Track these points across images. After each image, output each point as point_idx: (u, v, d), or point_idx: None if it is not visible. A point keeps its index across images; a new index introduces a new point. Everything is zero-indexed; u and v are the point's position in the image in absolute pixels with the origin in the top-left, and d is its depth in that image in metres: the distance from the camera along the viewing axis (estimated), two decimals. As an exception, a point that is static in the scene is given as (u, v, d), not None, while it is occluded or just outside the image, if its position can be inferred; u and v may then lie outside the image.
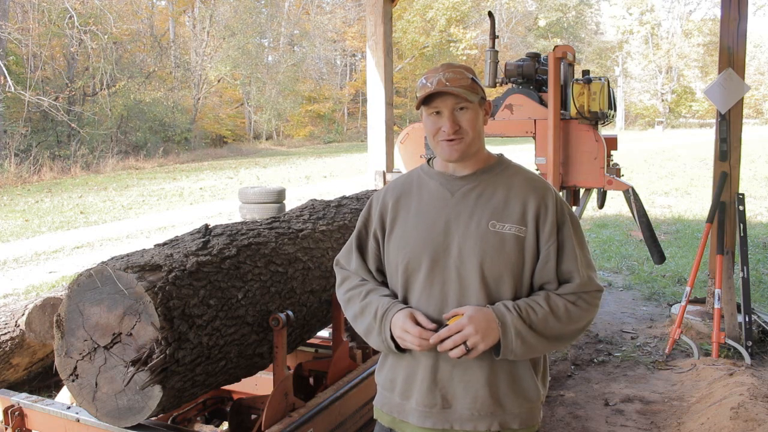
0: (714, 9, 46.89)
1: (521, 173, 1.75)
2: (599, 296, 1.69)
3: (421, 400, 1.67)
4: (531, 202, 1.66)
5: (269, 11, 37.31)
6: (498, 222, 1.64)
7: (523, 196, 1.67)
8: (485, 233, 1.63)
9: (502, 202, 1.66)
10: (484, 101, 1.71)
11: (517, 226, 1.64)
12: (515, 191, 1.68)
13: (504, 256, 1.62)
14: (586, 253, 1.71)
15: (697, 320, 4.89)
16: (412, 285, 1.69)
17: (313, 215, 2.87)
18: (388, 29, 5.58)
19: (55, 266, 7.85)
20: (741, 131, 4.83)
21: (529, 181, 1.72)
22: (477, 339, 1.54)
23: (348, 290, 1.80)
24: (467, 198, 1.68)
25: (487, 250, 1.62)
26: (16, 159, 19.26)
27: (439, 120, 1.66)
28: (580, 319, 1.64)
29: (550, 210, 1.66)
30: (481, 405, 1.63)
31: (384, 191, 1.83)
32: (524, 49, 38.33)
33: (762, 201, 11.71)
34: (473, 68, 1.76)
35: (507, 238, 1.63)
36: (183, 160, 25.54)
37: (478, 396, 1.63)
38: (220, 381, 2.19)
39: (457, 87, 1.62)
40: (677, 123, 47.88)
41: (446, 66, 1.67)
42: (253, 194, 9.09)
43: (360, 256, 1.82)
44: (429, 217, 1.69)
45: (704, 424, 3.27)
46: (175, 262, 2.04)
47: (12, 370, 3.89)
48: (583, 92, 4.63)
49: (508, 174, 1.73)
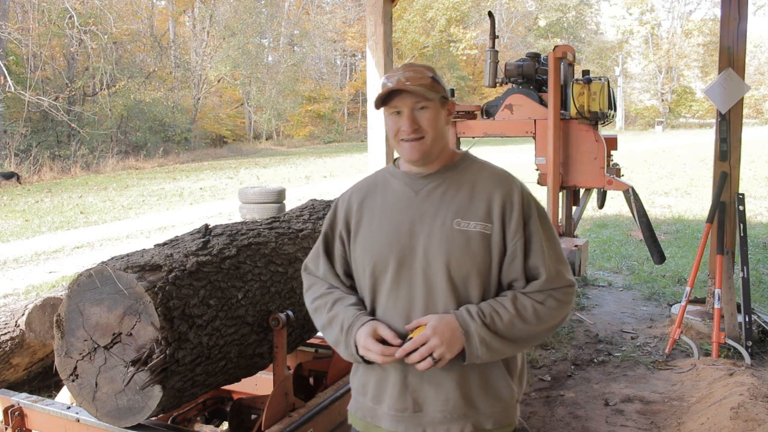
0: (714, 9, 46.95)
1: (486, 169, 1.72)
2: (571, 291, 1.65)
3: (393, 405, 1.65)
4: (496, 198, 1.63)
5: (269, 11, 37.33)
6: (463, 220, 1.61)
7: (488, 193, 1.64)
8: (450, 232, 1.60)
9: (467, 200, 1.64)
10: (446, 100, 1.68)
11: (483, 224, 1.61)
12: (480, 188, 1.65)
13: (470, 255, 1.59)
14: (555, 247, 1.66)
15: (697, 320, 4.89)
16: (380, 288, 1.66)
17: (313, 215, 2.87)
18: (388, 29, 5.58)
19: (55, 266, 7.85)
20: (741, 131, 4.83)
21: (494, 176, 1.69)
22: (443, 350, 1.52)
23: (315, 299, 1.77)
24: (431, 197, 1.65)
25: (452, 250, 1.59)
26: (16, 159, 19.28)
27: (398, 120, 1.64)
28: (551, 317, 1.61)
29: (516, 205, 1.62)
30: (453, 407, 1.61)
31: (349, 193, 1.80)
32: (524, 49, 38.32)
33: (762, 201, 11.71)
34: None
35: (473, 236, 1.60)
36: (183, 160, 25.55)
37: (450, 398, 1.61)
38: (220, 381, 2.19)
39: (417, 86, 1.60)
40: (677, 123, 47.87)
41: (407, 65, 1.66)
42: (253, 194, 9.10)
43: (327, 260, 1.79)
44: (394, 218, 1.66)
45: (704, 424, 3.27)
46: (175, 262, 2.04)
47: (12, 370, 3.88)
48: (583, 92, 4.63)
49: (473, 170, 1.70)
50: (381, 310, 1.66)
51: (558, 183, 4.73)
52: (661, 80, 49.32)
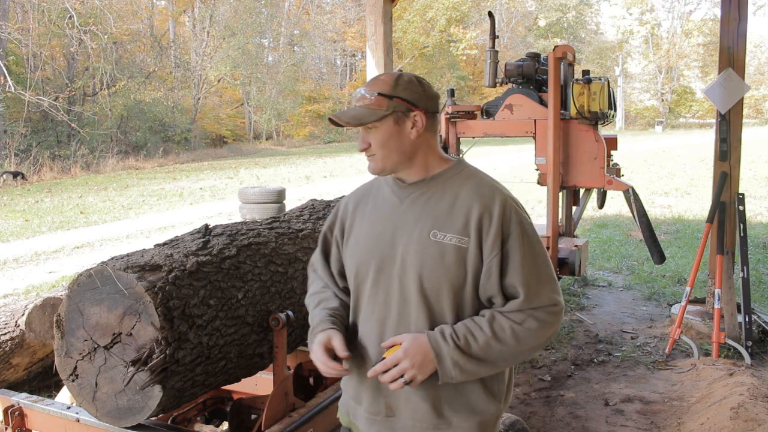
0: (714, 9, 46.92)
1: (473, 178, 1.64)
2: (555, 311, 1.57)
3: (368, 407, 1.67)
4: (474, 210, 1.56)
5: (269, 11, 37.32)
6: (440, 231, 1.57)
7: (468, 204, 1.58)
8: (426, 243, 1.57)
9: (446, 210, 1.59)
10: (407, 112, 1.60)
11: (459, 236, 1.55)
12: (461, 199, 1.59)
13: (443, 268, 1.55)
14: (538, 266, 1.58)
15: (697, 320, 4.89)
16: (362, 292, 1.67)
17: (313, 215, 2.87)
18: (388, 29, 5.58)
19: (55, 266, 7.85)
20: (741, 131, 4.83)
21: (477, 187, 1.61)
22: (414, 372, 1.50)
23: (309, 295, 1.83)
24: (415, 205, 1.63)
25: (426, 261, 1.56)
26: (16, 159, 19.28)
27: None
28: (531, 338, 1.54)
29: (495, 219, 1.55)
30: (422, 416, 1.60)
31: (348, 196, 1.82)
32: (524, 49, 38.32)
33: (762, 201, 11.71)
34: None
35: (447, 249, 1.55)
36: (183, 160, 25.54)
37: (418, 409, 1.60)
38: (220, 381, 2.20)
39: (360, 106, 1.59)
40: (677, 123, 47.87)
41: (370, 81, 1.65)
42: (253, 194, 9.09)
43: (324, 260, 1.82)
44: (378, 225, 1.66)
45: (704, 424, 3.27)
46: (175, 262, 2.04)
47: (12, 370, 3.89)
48: (583, 92, 4.63)
49: (459, 180, 1.64)
50: (361, 315, 1.68)
51: (558, 183, 4.73)
52: (661, 80, 49.32)
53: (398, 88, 1.61)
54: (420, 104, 1.62)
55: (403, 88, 1.61)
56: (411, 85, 1.62)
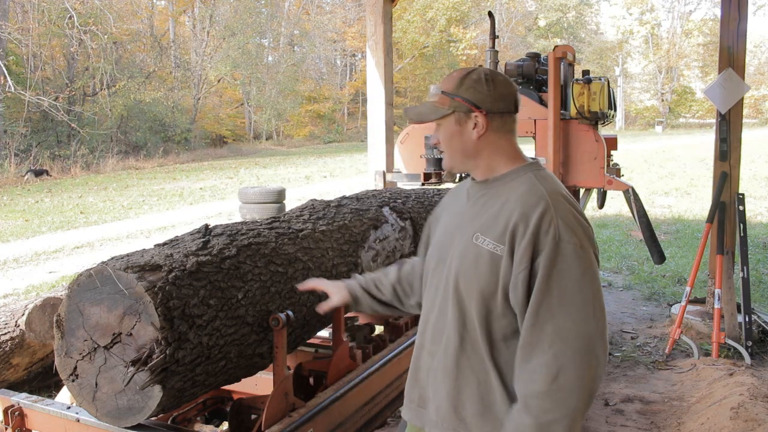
0: (714, 9, 46.91)
1: (527, 184, 1.54)
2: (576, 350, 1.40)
3: (407, 393, 1.72)
4: (514, 217, 1.48)
5: (269, 11, 37.32)
6: (482, 235, 1.53)
7: (511, 210, 1.50)
8: (468, 244, 1.55)
9: (494, 214, 1.54)
10: (469, 112, 1.56)
11: (495, 243, 1.49)
12: (508, 204, 1.53)
13: (475, 272, 1.51)
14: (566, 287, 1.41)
15: (697, 320, 4.88)
16: (424, 287, 1.73)
17: (313, 215, 2.86)
18: (388, 29, 5.58)
19: (55, 266, 7.85)
20: (741, 131, 4.83)
21: (526, 194, 1.52)
22: None
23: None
24: (476, 205, 1.62)
25: (463, 263, 1.55)
26: (16, 159, 19.27)
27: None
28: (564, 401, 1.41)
29: (530, 230, 1.44)
30: (443, 415, 1.60)
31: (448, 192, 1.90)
32: (524, 49, 38.32)
33: (762, 201, 11.71)
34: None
35: (483, 254, 1.51)
36: (183, 160, 25.54)
37: (440, 406, 1.60)
38: (220, 381, 2.19)
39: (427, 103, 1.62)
40: (677, 123, 47.86)
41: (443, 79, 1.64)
42: (253, 194, 9.09)
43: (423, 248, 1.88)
44: (449, 222, 1.70)
45: (704, 424, 3.27)
46: (175, 262, 2.04)
47: (12, 370, 3.88)
48: (583, 92, 4.63)
49: (515, 185, 1.56)
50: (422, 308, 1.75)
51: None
52: (661, 80, 49.32)
53: (462, 87, 1.57)
54: (483, 105, 1.56)
55: (467, 88, 1.57)
56: (477, 84, 1.56)
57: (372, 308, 1.98)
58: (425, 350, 1.66)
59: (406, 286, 1.91)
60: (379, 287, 1.95)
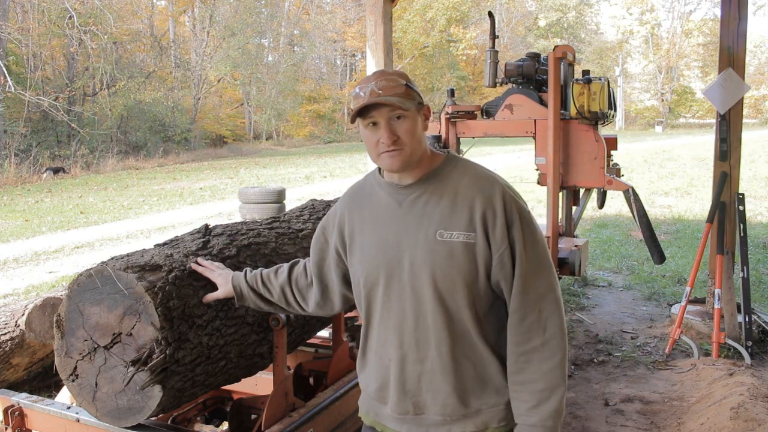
0: (714, 9, 46.91)
1: (468, 172, 1.64)
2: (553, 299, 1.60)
3: (395, 407, 1.68)
4: (477, 204, 1.57)
5: (269, 11, 37.33)
6: (446, 231, 1.57)
7: (470, 200, 1.58)
8: (433, 244, 1.57)
9: (448, 209, 1.59)
10: (422, 106, 1.64)
11: (465, 233, 1.56)
12: (462, 195, 1.60)
13: (455, 267, 1.56)
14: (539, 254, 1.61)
15: (697, 320, 4.89)
16: (373, 301, 1.68)
17: (313, 215, 2.87)
18: (388, 29, 5.57)
19: (55, 266, 7.85)
20: (741, 131, 4.82)
21: (475, 181, 1.62)
22: None
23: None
24: (414, 208, 1.62)
25: (436, 262, 1.57)
26: (16, 159, 19.27)
27: (376, 131, 1.59)
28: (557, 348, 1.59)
29: (499, 212, 1.57)
30: (451, 411, 1.62)
31: (338, 205, 1.81)
32: (524, 49, 38.32)
33: (762, 201, 11.71)
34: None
35: (456, 247, 1.56)
36: (183, 160, 25.54)
37: (447, 403, 1.62)
38: (220, 381, 2.19)
39: (391, 95, 1.55)
40: (677, 123, 47.87)
41: (378, 74, 1.61)
42: (253, 194, 9.09)
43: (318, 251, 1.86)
44: (380, 231, 1.66)
45: (704, 424, 3.27)
46: (175, 262, 2.04)
47: (12, 370, 3.89)
48: (583, 92, 4.63)
49: (455, 176, 1.63)
50: (375, 323, 1.69)
51: (558, 183, 4.72)
52: (661, 80, 49.33)
53: (411, 84, 1.63)
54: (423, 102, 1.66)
55: (413, 85, 1.64)
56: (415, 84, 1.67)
57: (256, 305, 1.99)
58: (409, 360, 1.64)
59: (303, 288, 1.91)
60: (268, 286, 1.94)
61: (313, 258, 1.87)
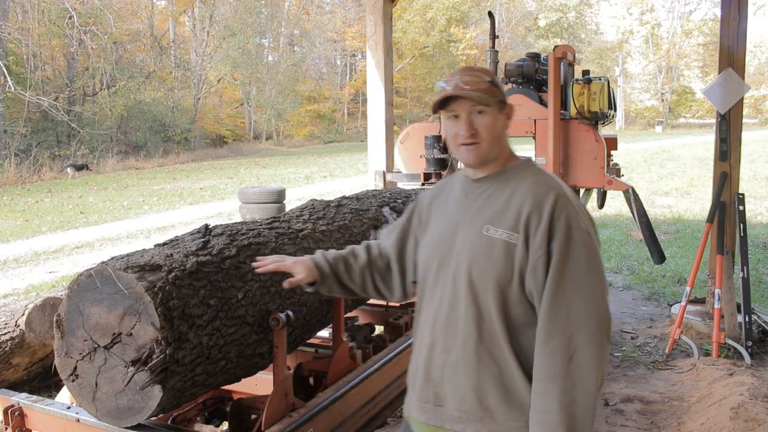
0: (714, 9, 46.88)
1: (532, 177, 1.64)
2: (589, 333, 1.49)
3: (418, 395, 1.70)
4: (526, 207, 1.56)
5: (269, 11, 37.32)
6: (492, 226, 1.58)
7: (521, 200, 1.58)
8: (478, 237, 1.59)
9: (501, 207, 1.60)
10: (504, 105, 1.66)
11: (509, 233, 1.56)
12: (517, 195, 1.60)
13: (491, 263, 1.56)
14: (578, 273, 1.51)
15: (697, 320, 4.89)
16: (425, 288, 1.72)
17: (313, 215, 2.86)
18: (388, 29, 5.58)
19: (55, 266, 7.85)
20: (741, 131, 4.82)
21: (533, 185, 1.61)
22: None
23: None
24: (476, 201, 1.65)
25: (475, 255, 1.58)
26: (16, 159, 19.27)
27: (456, 124, 1.63)
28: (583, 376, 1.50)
29: (544, 218, 1.53)
30: (468, 408, 1.61)
31: (425, 192, 1.88)
32: (524, 49, 38.31)
33: (762, 201, 11.71)
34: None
35: (496, 244, 1.56)
36: (183, 160, 25.54)
37: (465, 399, 1.61)
38: (220, 381, 2.19)
39: (474, 90, 1.59)
40: (677, 123, 47.85)
41: (465, 69, 1.65)
42: (253, 194, 9.08)
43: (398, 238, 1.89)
44: (445, 221, 1.71)
45: (704, 424, 3.27)
46: (175, 262, 2.04)
47: (12, 370, 3.89)
48: (583, 92, 4.63)
49: (520, 177, 1.64)
50: (423, 307, 1.73)
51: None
52: (661, 80, 49.32)
53: (496, 81, 1.65)
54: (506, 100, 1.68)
55: (498, 83, 1.66)
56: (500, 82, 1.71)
57: (333, 291, 1.96)
58: (437, 347, 1.65)
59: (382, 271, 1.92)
60: (349, 272, 1.94)
61: (391, 240, 1.91)
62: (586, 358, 1.49)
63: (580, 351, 1.49)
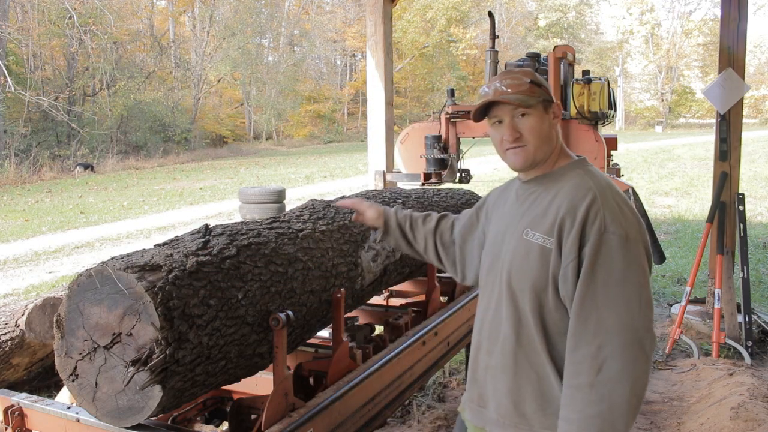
0: (714, 9, 46.90)
1: (575, 179, 1.56)
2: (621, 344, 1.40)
3: (467, 393, 1.74)
4: (562, 210, 1.51)
5: (269, 11, 37.32)
6: (531, 230, 1.55)
7: (559, 205, 1.52)
8: (518, 241, 1.58)
9: (542, 210, 1.56)
10: (550, 104, 1.61)
11: (545, 237, 1.52)
12: (557, 199, 1.55)
13: (527, 267, 1.54)
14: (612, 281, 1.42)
15: (697, 320, 4.89)
16: (481, 287, 1.77)
17: (313, 215, 2.86)
18: (388, 29, 5.57)
19: (55, 266, 7.85)
20: (741, 131, 4.83)
21: (574, 188, 1.54)
22: None
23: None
24: (524, 204, 1.64)
25: (514, 259, 1.57)
26: (16, 159, 19.27)
27: (500, 128, 1.61)
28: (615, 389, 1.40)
29: (577, 222, 1.46)
30: (504, 412, 1.60)
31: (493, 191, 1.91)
32: (524, 49, 38.32)
33: (762, 201, 11.71)
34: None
35: (533, 248, 1.53)
36: (183, 160, 25.54)
37: (501, 403, 1.60)
38: (220, 381, 2.19)
39: (515, 93, 1.55)
40: (677, 123, 47.86)
41: (504, 73, 1.63)
42: (253, 194, 9.09)
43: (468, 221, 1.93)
44: (499, 222, 1.72)
45: (704, 424, 3.27)
46: (175, 262, 2.04)
47: (12, 370, 3.89)
48: (583, 92, 4.64)
49: (566, 178, 1.58)
50: (477, 308, 1.76)
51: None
52: (661, 80, 49.33)
53: (538, 81, 1.62)
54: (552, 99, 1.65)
55: (540, 81, 1.63)
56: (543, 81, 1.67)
57: (397, 245, 2.07)
58: (483, 349, 1.66)
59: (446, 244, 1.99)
60: (414, 231, 2.01)
61: (462, 221, 1.95)
62: (616, 371, 1.40)
63: (610, 363, 1.40)
